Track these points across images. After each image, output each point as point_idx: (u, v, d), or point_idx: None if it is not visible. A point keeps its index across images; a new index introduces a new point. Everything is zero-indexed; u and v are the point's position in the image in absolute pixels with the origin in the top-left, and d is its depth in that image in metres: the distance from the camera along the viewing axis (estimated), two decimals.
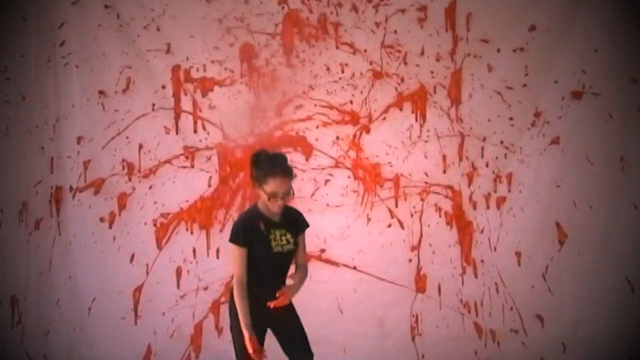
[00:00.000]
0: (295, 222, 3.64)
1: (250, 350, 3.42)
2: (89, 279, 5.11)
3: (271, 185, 3.44)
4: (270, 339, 3.67)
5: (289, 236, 3.56)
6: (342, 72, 5.05)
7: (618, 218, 4.94)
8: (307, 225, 3.70)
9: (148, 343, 5.05)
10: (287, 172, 3.48)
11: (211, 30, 5.04)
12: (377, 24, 5.02)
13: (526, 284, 4.97)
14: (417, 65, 5.02)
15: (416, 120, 5.04)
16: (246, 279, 3.49)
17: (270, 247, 3.52)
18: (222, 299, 5.04)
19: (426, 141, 5.04)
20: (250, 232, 3.51)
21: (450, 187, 5.04)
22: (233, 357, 4.98)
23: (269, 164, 3.48)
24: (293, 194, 3.53)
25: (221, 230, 5.05)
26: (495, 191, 5.01)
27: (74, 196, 5.13)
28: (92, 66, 5.08)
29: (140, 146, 5.10)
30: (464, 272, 5.01)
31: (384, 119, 5.05)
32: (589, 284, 4.94)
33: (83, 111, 5.11)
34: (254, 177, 3.52)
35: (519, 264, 4.98)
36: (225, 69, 5.07)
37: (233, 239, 3.52)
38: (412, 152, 5.04)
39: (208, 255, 5.08)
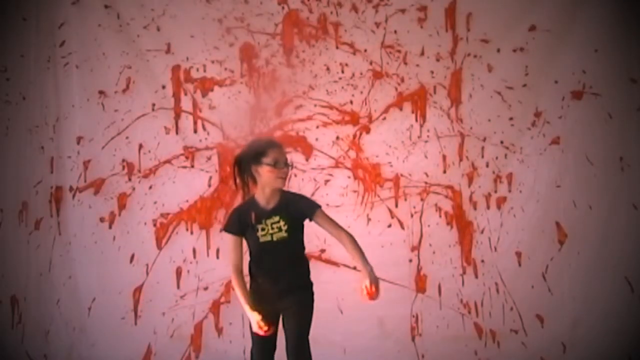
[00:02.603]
0: (297, 207, 3.54)
1: (261, 332, 3.42)
2: (89, 279, 5.10)
3: (271, 155, 3.45)
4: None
5: (281, 223, 3.49)
6: (342, 72, 5.05)
7: (618, 218, 4.93)
8: (318, 206, 3.56)
9: (148, 343, 5.05)
10: (279, 142, 3.57)
11: (211, 30, 5.04)
12: (377, 24, 5.02)
13: (526, 284, 4.97)
14: (417, 65, 5.01)
15: (416, 120, 5.04)
16: (241, 266, 3.53)
17: (257, 238, 3.50)
18: (222, 299, 5.04)
19: (426, 141, 5.03)
20: (241, 222, 3.53)
21: (451, 187, 5.03)
22: (233, 357, 5.02)
23: (259, 141, 3.62)
24: (292, 165, 3.61)
25: (221, 231, 5.02)
26: (495, 191, 5.01)
27: (74, 196, 5.12)
28: (92, 66, 5.08)
29: (140, 146, 5.10)
30: (464, 272, 5.01)
31: (384, 119, 5.05)
32: (588, 284, 4.94)
33: (83, 111, 5.11)
34: (247, 162, 3.50)
35: (519, 264, 4.98)
36: (225, 69, 5.07)
37: (224, 228, 3.61)
38: (412, 152, 5.04)
39: (208, 255, 5.07)
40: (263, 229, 3.49)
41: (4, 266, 5.10)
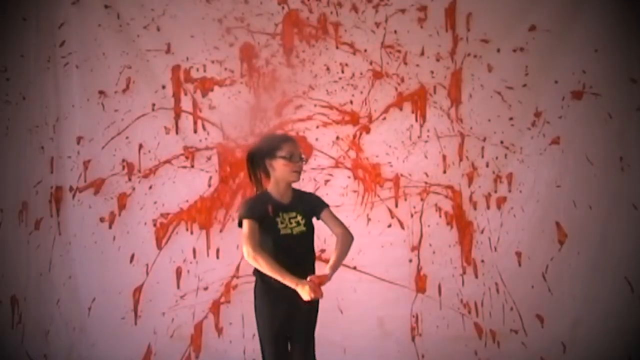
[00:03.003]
0: (309, 203, 3.61)
1: (320, 296, 3.34)
2: (89, 279, 5.10)
3: (286, 149, 3.49)
4: None
5: (299, 218, 3.52)
6: (342, 72, 5.05)
7: (618, 218, 4.93)
8: (326, 205, 3.65)
9: (148, 343, 5.05)
10: (293, 137, 3.63)
11: (211, 30, 5.04)
12: (377, 24, 5.02)
13: (526, 284, 4.97)
14: (417, 65, 5.02)
15: (416, 120, 5.04)
16: (260, 247, 3.40)
17: (278, 230, 3.46)
18: (222, 299, 5.05)
19: (426, 141, 5.04)
20: (259, 210, 3.46)
21: (451, 187, 5.04)
22: (233, 357, 5.02)
23: (273, 136, 3.71)
24: (306, 160, 3.62)
25: (221, 231, 5.05)
26: (495, 191, 5.01)
27: (74, 196, 5.12)
28: (92, 66, 5.08)
29: (140, 146, 5.10)
30: (464, 272, 5.01)
31: (384, 119, 5.06)
32: (588, 284, 4.94)
33: (83, 111, 5.11)
34: (261, 156, 3.51)
35: (519, 264, 4.98)
36: (225, 69, 5.07)
37: (243, 216, 3.45)
38: (412, 152, 5.04)
39: (208, 255, 5.07)
40: (282, 222, 3.49)
41: (4, 266, 5.10)
